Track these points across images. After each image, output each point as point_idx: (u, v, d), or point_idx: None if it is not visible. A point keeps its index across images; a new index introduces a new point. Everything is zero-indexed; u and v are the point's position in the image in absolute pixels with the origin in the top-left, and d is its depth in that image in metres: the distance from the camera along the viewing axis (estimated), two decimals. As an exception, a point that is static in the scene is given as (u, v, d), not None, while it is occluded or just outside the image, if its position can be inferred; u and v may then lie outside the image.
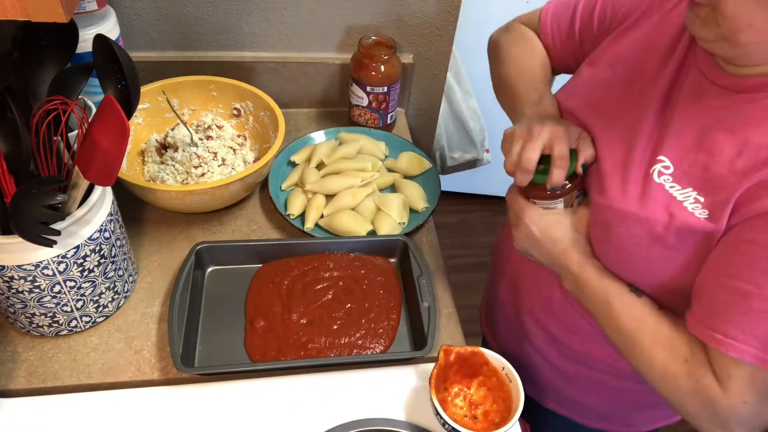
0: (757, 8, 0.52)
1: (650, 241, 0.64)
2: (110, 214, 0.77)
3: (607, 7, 0.78)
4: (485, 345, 0.92)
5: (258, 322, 0.84)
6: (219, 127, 1.07)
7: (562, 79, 0.88)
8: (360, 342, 0.84)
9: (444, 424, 0.70)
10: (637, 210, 0.64)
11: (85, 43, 0.81)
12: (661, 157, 0.64)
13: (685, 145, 0.63)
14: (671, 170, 0.63)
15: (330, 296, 0.88)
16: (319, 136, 1.14)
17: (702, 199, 0.60)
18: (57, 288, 0.74)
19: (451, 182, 2.23)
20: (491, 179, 2.28)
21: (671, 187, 0.63)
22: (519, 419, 0.77)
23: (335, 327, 0.85)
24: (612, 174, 0.68)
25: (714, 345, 0.59)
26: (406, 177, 1.09)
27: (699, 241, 0.61)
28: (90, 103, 0.87)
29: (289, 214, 0.99)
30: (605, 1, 0.79)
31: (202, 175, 0.99)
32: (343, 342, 0.83)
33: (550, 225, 0.73)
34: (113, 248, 0.79)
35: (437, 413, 0.71)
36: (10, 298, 0.73)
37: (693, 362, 0.61)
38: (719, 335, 0.58)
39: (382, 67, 1.10)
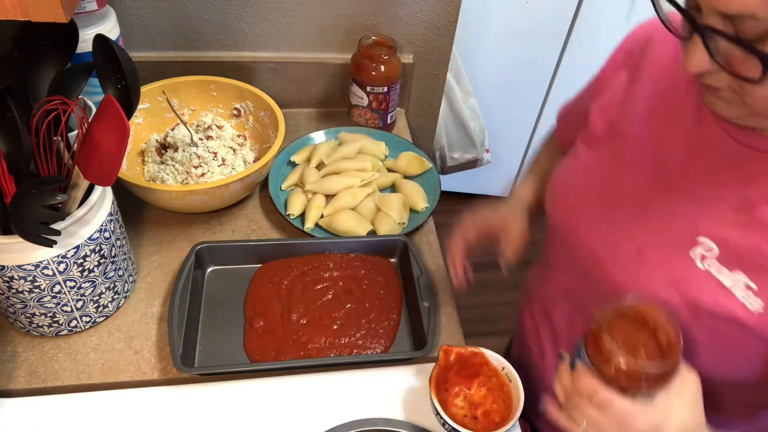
0: None
1: (699, 330, 0.57)
2: (110, 214, 0.77)
3: (600, 76, 0.76)
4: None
5: (257, 322, 0.84)
6: (219, 127, 1.07)
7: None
8: (360, 342, 0.84)
9: (444, 424, 0.70)
10: (679, 300, 0.57)
11: (85, 43, 0.81)
12: (701, 239, 0.56)
13: (728, 222, 0.55)
14: (715, 252, 0.56)
15: (330, 296, 0.88)
16: (319, 136, 1.14)
17: (755, 286, 0.53)
18: (57, 288, 0.74)
19: (451, 182, 2.23)
20: (491, 179, 2.28)
21: (718, 271, 0.55)
22: (519, 419, 0.77)
23: (335, 327, 0.85)
24: (633, 253, 0.61)
25: None
26: (406, 177, 1.09)
27: (755, 337, 0.54)
28: (90, 103, 0.87)
29: (289, 214, 0.99)
30: (598, 74, 0.76)
31: (202, 175, 0.99)
32: (343, 342, 0.83)
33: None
34: (113, 248, 0.79)
35: (437, 413, 0.71)
36: (10, 298, 0.73)
37: None
38: None
39: (382, 67, 1.10)
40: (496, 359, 0.75)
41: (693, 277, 0.57)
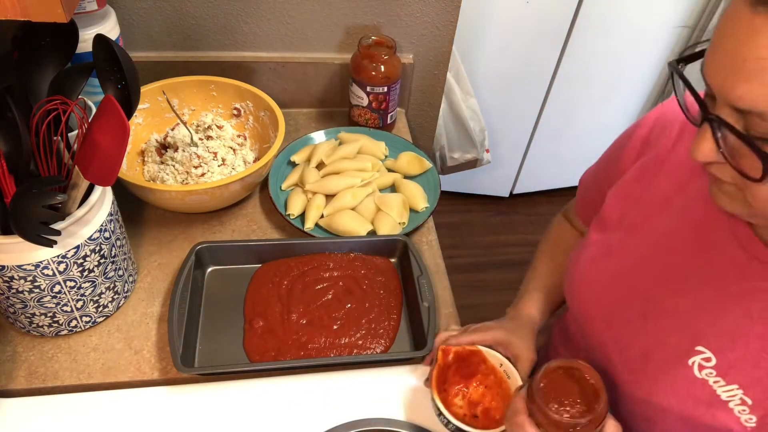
0: None
1: None
2: (110, 214, 0.77)
3: (614, 155, 0.75)
4: None
5: (257, 322, 0.84)
6: (219, 127, 1.07)
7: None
8: (360, 342, 0.84)
9: (447, 423, 0.70)
10: (680, 408, 0.57)
11: (85, 43, 0.81)
12: (699, 348, 0.57)
13: (729, 334, 0.55)
14: (713, 362, 0.56)
15: (330, 296, 0.88)
16: (319, 136, 1.14)
17: (749, 401, 0.53)
18: (57, 288, 0.74)
19: (451, 182, 2.23)
20: (491, 179, 2.28)
21: (715, 382, 0.55)
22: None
23: (335, 327, 0.85)
24: (639, 355, 0.62)
25: None
26: (406, 177, 1.09)
27: None
28: (90, 103, 0.87)
29: (289, 214, 0.99)
30: (614, 152, 0.75)
31: (202, 175, 0.99)
32: (343, 342, 0.83)
33: None
34: (113, 248, 0.79)
35: (440, 413, 0.71)
36: (10, 298, 0.73)
37: None
38: None
39: (382, 67, 1.10)
40: (493, 356, 0.75)
41: (691, 386, 0.57)
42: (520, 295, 0.84)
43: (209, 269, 0.91)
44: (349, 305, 0.88)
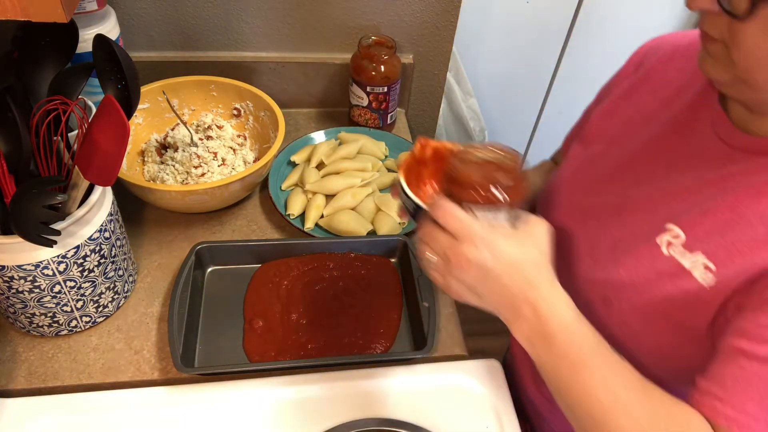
0: None
1: (655, 315, 0.58)
2: (110, 214, 0.77)
3: (601, 94, 0.79)
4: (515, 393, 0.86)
5: (257, 322, 0.84)
6: (219, 127, 1.07)
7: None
8: (360, 342, 0.84)
9: (407, 200, 0.62)
10: (640, 282, 0.59)
11: (85, 43, 0.81)
12: (669, 226, 0.58)
13: (700, 209, 0.57)
14: (682, 239, 0.57)
15: (330, 296, 0.88)
16: (319, 136, 1.14)
17: (713, 266, 0.54)
18: (57, 288, 0.74)
19: (451, 182, 2.23)
20: (491, 179, 2.28)
21: (681, 255, 0.57)
22: (519, 420, 0.77)
23: (335, 327, 0.85)
24: (609, 248, 0.63)
25: (723, 423, 0.50)
26: (406, 177, 1.09)
27: (702, 313, 0.55)
28: (90, 103, 0.87)
29: (289, 214, 0.99)
30: (600, 93, 0.79)
31: (202, 175, 0.99)
32: (343, 342, 0.83)
33: (507, 246, 0.53)
34: (113, 248, 0.79)
35: (402, 190, 0.62)
36: (10, 298, 0.73)
37: None
38: (732, 411, 0.49)
39: (382, 67, 1.10)
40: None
41: (655, 262, 0.58)
42: None
43: (209, 269, 0.91)
44: (349, 305, 0.88)
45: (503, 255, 0.52)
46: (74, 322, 0.80)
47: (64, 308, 0.77)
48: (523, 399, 0.89)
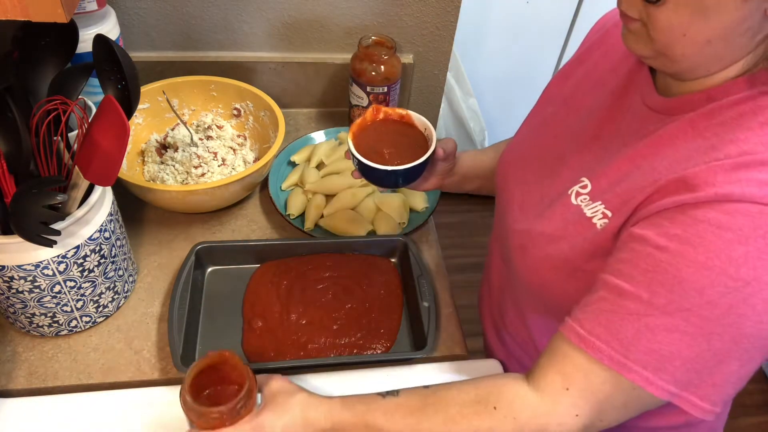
0: (693, 16, 0.50)
1: (563, 263, 0.63)
2: (110, 214, 0.77)
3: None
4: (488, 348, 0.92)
5: (256, 322, 0.84)
6: (219, 127, 1.07)
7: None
8: (360, 342, 0.84)
9: (353, 158, 0.77)
10: (551, 231, 0.64)
11: (85, 43, 0.81)
12: (582, 178, 0.64)
13: (609, 164, 0.62)
14: (588, 189, 0.63)
15: (330, 296, 0.88)
16: (319, 136, 1.14)
17: (609, 214, 0.59)
18: (57, 288, 0.74)
19: (451, 182, 2.23)
20: (491, 179, 2.28)
21: (586, 205, 0.62)
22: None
23: (335, 327, 0.85)
24: (536, 202, 0.69)
25: (575, 341, 0.55)
26: (406, 177, 1.09)
27: (602, 256, 0.59)
28: (90, 103, 0.87)
29: (289, 214, 0.99)
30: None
31: (202, 175, 0.99)
32: (343, 342, 0.83)
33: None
34: (113, 248, 0.79)
35: (351, 155, 0.76)
36: (10, 298, 0.73)
37: (503, 404, 0.58)
38: (583, 331, 0.55)
39: (382, 67, 1.10)
40: (420, 121, 0.81)
41: (566, 211, 0.64)
42: None
43: (209, 269, 0.91)
44: (349, 305, 0.88)
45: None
46: (74, 322, 0.80)
47: (64, 308, 0.77)
48: None
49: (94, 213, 0.74)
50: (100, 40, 0.69)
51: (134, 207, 0.98)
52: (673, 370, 0.52)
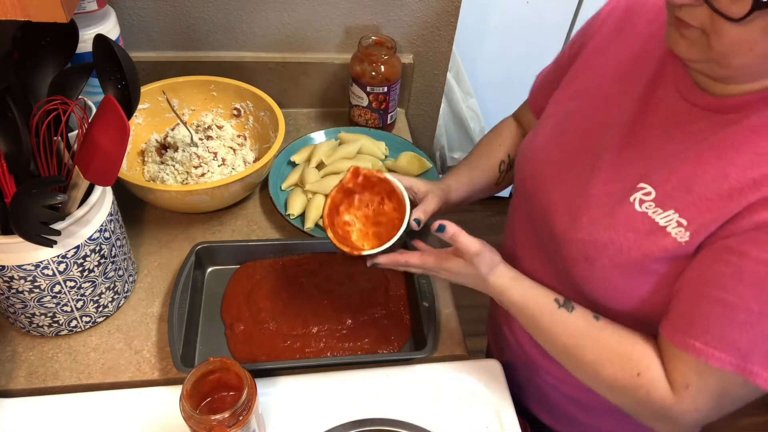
0: (764, 33, 0.49)
1: (635, 270, 0.63)
2: (110, 214, 0.77)
3: (576, 41, 0.79)
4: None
5: (256, 322, 0.84)
6: (219, 127, 1.07)
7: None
8: (361, 343, 0.84)
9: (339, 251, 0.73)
10: (621, 240, 0.63)
11: (85, 43, 0.81)
12: (641, 185, 0.63)
13: (667, 167, 0.61)
14: (653, 195, 0.62)
15: (330, 296, 0.88)
16: (319, 136, 1.14)
17: (685, 222, 0.59)
18: (57, 288, 0.74)
19: (451, 182, 2.23)
20: (491, 179, 2.28)
21: (654, 212, 0.61)
22: (518, 417, 0.77)
23: (335, 327, 0.85)
24: (589, 206, 0.67)
25: (692, 354, 0.58)
26: (406, 177, 1.09)
27: (678, 264, 0.60)
28: (90, 103, 0.87)
29: (289, 214, 0.99)
30: (575, 39, 0.79)
31: (202, 175, 0.99)
32: (343, 342, 0.83)
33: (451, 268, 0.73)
34: (113, 248, 0.79)
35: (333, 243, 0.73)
36: (10, 298, 0.73)
37: (646, 377, 0.61)
38: (699, 344, 0.57)
39: (382, 67, 1.10)
40: (399, 189, 0.76)
41: (630, 220, 0.62)
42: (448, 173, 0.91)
43: (209, 269, 0.91)
44: (349, 305, 0.87)
45: (457, 274, 0.73)
46: (74, 322, 0.80)
47: (64, 308, 0.77)
48: (519, 394, 0.89)
49: (94, 213, 0.74)
50: (100, 40, 0.69)
51: (134, 207, 0.98)
52: None
